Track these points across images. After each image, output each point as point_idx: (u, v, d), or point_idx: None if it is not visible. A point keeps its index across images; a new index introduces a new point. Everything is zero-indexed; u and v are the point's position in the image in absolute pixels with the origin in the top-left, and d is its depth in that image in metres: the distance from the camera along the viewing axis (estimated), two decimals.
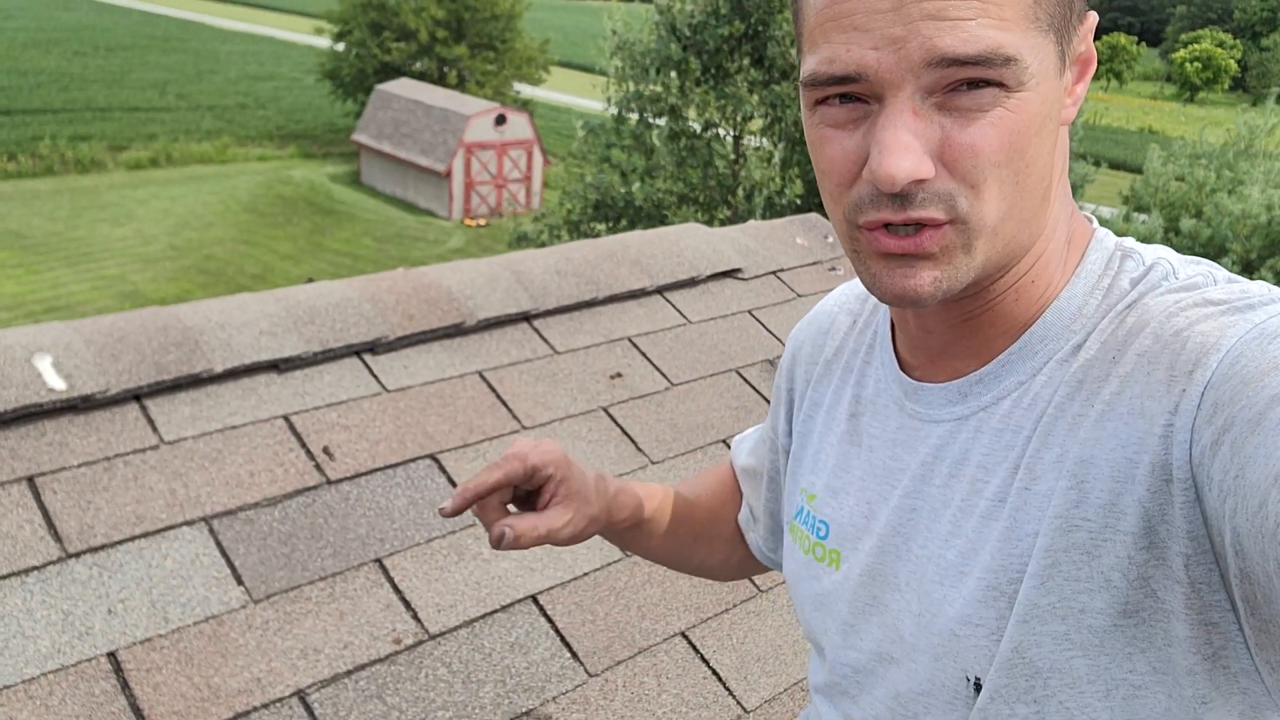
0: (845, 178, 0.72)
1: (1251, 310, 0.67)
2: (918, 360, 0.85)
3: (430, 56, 36.25)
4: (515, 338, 1.98)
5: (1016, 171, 0.69)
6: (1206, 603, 0.66)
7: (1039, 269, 0.77)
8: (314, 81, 40.14)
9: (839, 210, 0.74)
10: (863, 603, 0.87)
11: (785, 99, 13.24)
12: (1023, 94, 0.67)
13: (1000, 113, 0.67)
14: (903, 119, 0.67)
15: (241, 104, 40.44)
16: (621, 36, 13.90)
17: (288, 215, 27.67)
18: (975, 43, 0.65)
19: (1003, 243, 0.72)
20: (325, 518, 1.56)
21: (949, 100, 0.67)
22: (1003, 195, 0.69)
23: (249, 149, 34.96)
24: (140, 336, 1.66)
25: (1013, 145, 0.68)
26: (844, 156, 0.71)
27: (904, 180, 0.67)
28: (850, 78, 0.68)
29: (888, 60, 0.66)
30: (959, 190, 0.69)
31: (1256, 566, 0.58)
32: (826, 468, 0.93)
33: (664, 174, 13.60)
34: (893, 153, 0.67)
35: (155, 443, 1.56)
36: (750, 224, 2.55)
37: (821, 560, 0.92)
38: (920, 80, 0.66)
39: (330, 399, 1.74)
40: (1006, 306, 0.78)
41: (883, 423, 0.88)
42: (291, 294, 1.87)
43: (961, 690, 0.78)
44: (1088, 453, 0.70)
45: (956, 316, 0.79)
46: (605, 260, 2.18)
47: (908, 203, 0.69)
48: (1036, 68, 0.68)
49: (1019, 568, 0.73)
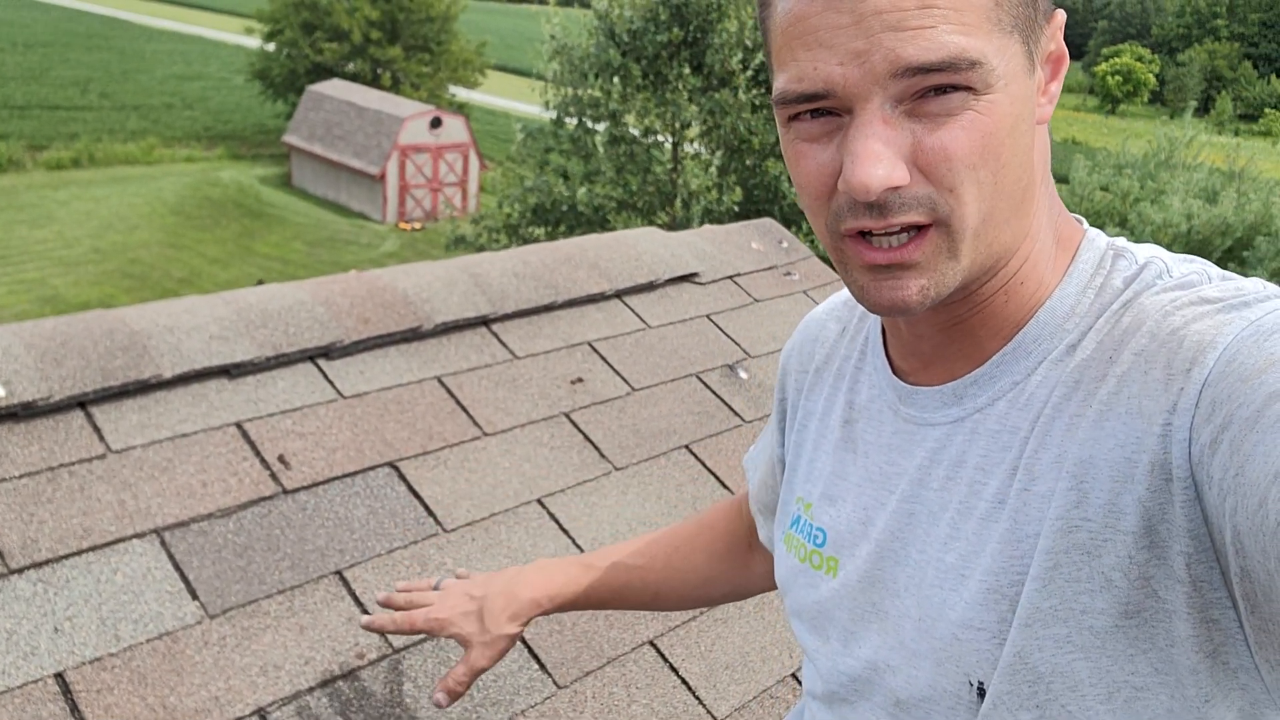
0: (823, 190, 0.72)
1: (1247, 307, 0.67)
2: (911, 365, 0.85)
3: (364, 58, 35.76)
4: (474, 342, 1.94)
5: (993, 173, 0.69)
6: (1208, 600, 0.66)
7: (1028, 269, 0.77)
8: (243, 82, 39.34)
9: (820, 223, 0.75)
10: (861, 610, 0.85)
11: (724, 106, 13.30)
12: (992, 96, 0.68)
13: (971, 115, 0.67)
14: (873, 128, 0.67)
15: (168, 104, 39.47)
16: (560, 41, 13.85)
17: (216, 218, 27.04)
18: (938, 50, 0.65)
19: (985, 244, 0.72)
20: (282, 529, 1.51)
21: (918, 107, 0.68)
22: (981, 197, 0.70)
23: (176, 150, 34.13)
24: (85, 340, 1.59)
25: (985, 147, 0.68)
26: (819, 170, 0.72)
27: (878, 188, 0.67)
28: (818, 94, 0.69)
29: (853, 74, 0.67)
30: (936, 194, 0.69)
31: (1257, 564, 0.58)
32: (822, 476, 0.92)
33: (603, 179, 13.58)
34: (864, 162, 0.67)
35: (102, 452, 1.49)
36: (706, 228, 2.54)
37: (819, 568, 0.90)
38: (888, 90, 0.67)
39: (285, 405, 1.68)
40: (996, 308, 0.78)
41: (878, 428, 0.87)
42: (242, 296, 1.81)
43: (965, 695, 0.77)
44: (1087, 453, 0.69)
45: (946, 320, 0.79)
46: (563, 264, 2.15)
47: (886, 211, 0.69)
48: (1004, 69, 0.68)
49: (1020, 570, 0.73)
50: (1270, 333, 0.63)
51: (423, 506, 1.62)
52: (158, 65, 46.45)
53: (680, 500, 1.81)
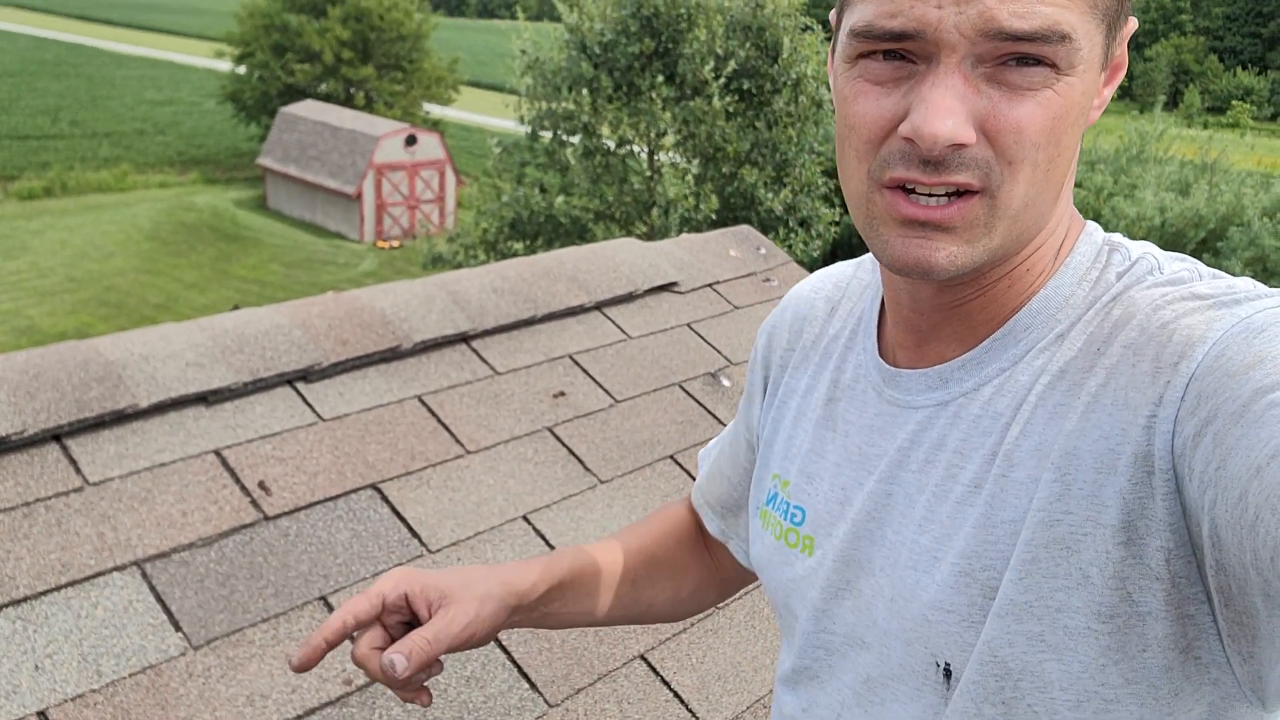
0: (876, 134, 0.70)
1: (1238, 305, 0.67)
2: (903, 344, 0.84)
3: (336, 78, 35.70)
4: (454, 359, 1.93)
5: (1050, 158, 0.69)
6: (1185, 596, 0.66)
7: (1035, 258, 0.77)
8: (215, 105, 39.21)
9: (862, 168, 0.72)
10: (836, 587, 0.86)
11: (698, 115, 13.33)
12: (1071, 79, 0.67)
13: (1049, 94, 0.67)
14: (952, 81, 0.66)
15: (140, 130, 39.30)
16: (531, 56, 13.86)
17: (191, 243, 26.88)
18: (1032, 18, 0.64)
19: (1019, 229, 0.72)
20: (265, 556, 1.49)
21: (999, 73, 0.67)
22: (1033, 180, 0.69)
23: (149, 176, 33.96)
24: (59, 373, 1.57)
25: (1054, 129, 0.68)
26: (879, 113, 0.70)
27: (945, 141, 0.66)
28: (908, 34, 0.67)
29: (949, 20, 0.65)
30: (995, 162, 0.68)
31: (1233, 558, 0.59)
32: (800, 453, 0.92)
33: (579, 190, 13.58)
34: (938, 111, 0.66)
35: (79, 485, 1.47)
36: (684, 237, 2.54)
37: (794, 546, 0.90)
38: (976, 47, 0.66)
39: (264, 431, 1.66)
40: (999, 293, 0.77)
41: (860, 409, 0.87)
42: (218, 322, 1.80)
43: (931, 675, 0.78)
44: (1072, 445, 0.69)
45: (949, 300, 0.79)
46: (542, 278, 2.14)
47: (941, 167, 0.68)
48: (1087, 53, 0.68)
49: (992, 555, 0.73)
50: (1259, 330, 0.63)
51: (406, 528, 1.61)
52: (128, 91, 46.24)
53: None
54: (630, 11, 13.33)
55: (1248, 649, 0.64)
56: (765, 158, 13.83)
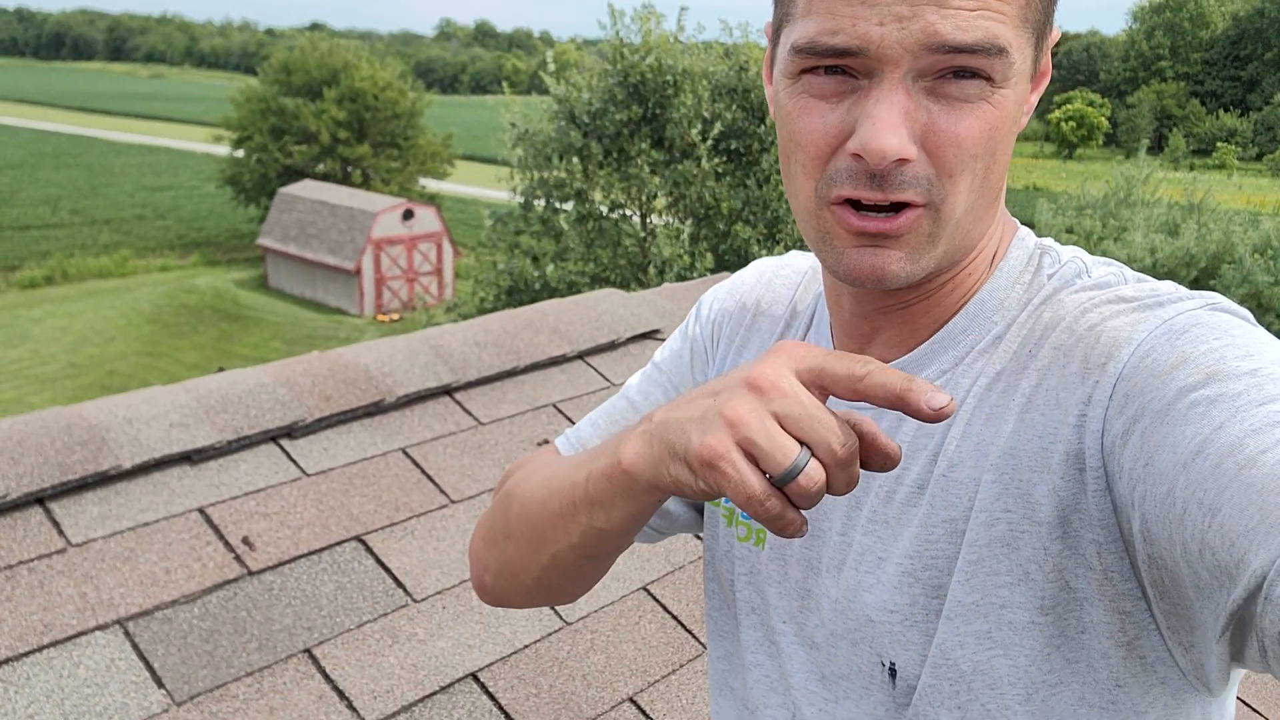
0: (823, 150, 0.71)
1: (1161, 307, 0.69)
2: (845, 347, 0.85)
3: (333, 157, 36.26)
4: (437, 412, 1.94)
5: (987, 167, 0.71)
6: (1119, 591, 0.67)
7: (976, 263, 0.79)
8: (214, 189, 39.74)
9: (809, 184, 0.73)
10: (788, 587, 0.86)
11: (687, 177, 13.51)
12: (1005, 90, 0.69)
13: (985, 106, 0.69)
14: (896, 96, 0.67)
15: (139, 215, 39.77)
16: (520, 129, 14.08)
17: (193, 324, 27.04)
18: (973, 31, 0.66)
19: (962, 236, 0.74)
20: (248, 610, 1.49)
21: (937, 86, 0.68)
22: (972, 188, 0.71)
23: (149, 260, 34.28)
24: (42, 437, 1.58)
25: (990, 140, 0.70)
26: (825, 129, 0.71)
27: (893, 156, 0.67)
28: (851, 51, 0.68)
29: (891, 37, 0.66)
30: (935, 178, 0.69)
31: (1164, 551, 0.60)
32: None
33: (574, 256, 13.70)
34: (884, 127, 0.67)
35: (62, 546, 1.48)
36: (665, 286, 2.57)
37: (746, 540, 0.90)
38: (917, 62, 0.67)
39: (248, 487, 1.67)
40: (940, 297, 0.79)
41: None
42: (202, 384, 1.82)
43: (877, 675, 0.78)
44: (1010, 445, 0.71)
45: (892, 304, 0.80)
46: (524, 329, 2.17)
47: (886, 184, 0.69)
48: (1019, 66, 0.70)
49: (933, 554, 0.74)
50: (1182, 331, 0.66)
51: (391, 578, 1.61)
52: (127, 178, 46.91)
53: (653, 553, 1.80)
54: (617, 80, 13.59)
55: (1187, 639, 0.66)
56: (757, 215, 13.97)
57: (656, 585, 1.75)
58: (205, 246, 36.37)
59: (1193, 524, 0.55)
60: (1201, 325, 0.66)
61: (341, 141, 36.00)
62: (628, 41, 13.71)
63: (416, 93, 38.83)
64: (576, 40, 50.39)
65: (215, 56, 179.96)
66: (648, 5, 14.09)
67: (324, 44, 38.38)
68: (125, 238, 36.37)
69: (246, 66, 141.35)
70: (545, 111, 14.25)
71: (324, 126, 35.41)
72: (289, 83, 36.86)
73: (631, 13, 13.96)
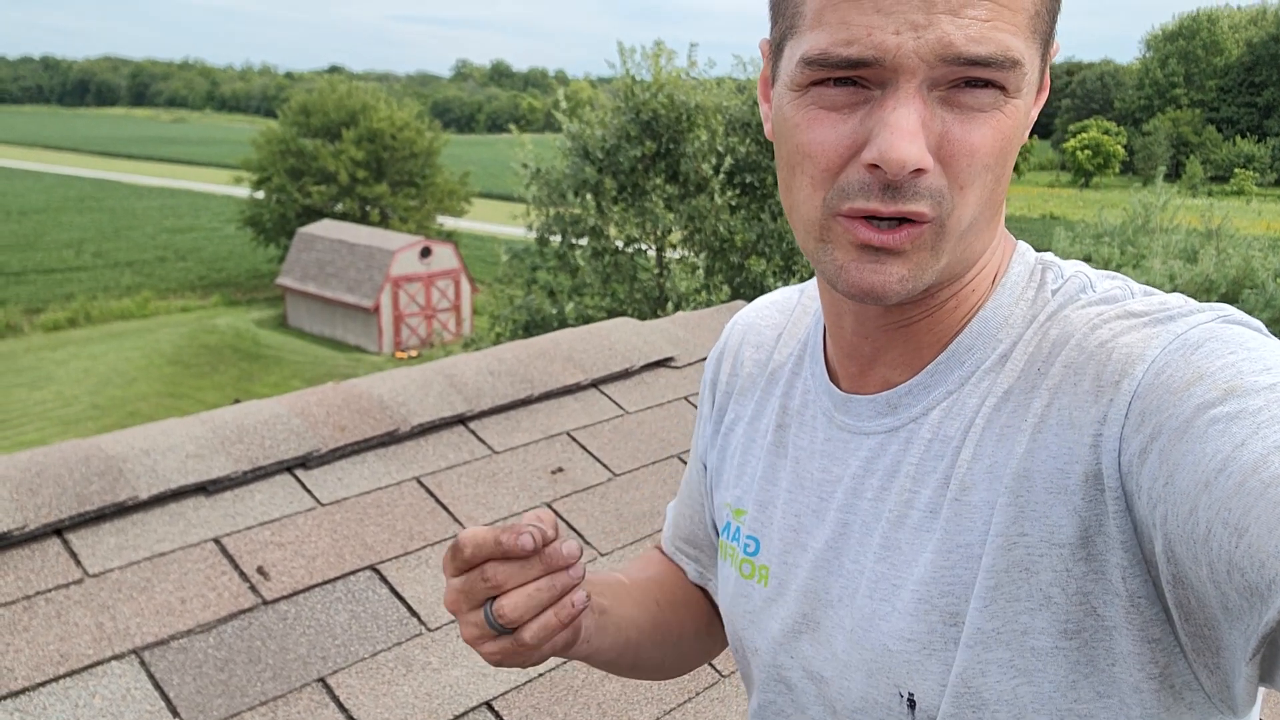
0: (836, 162, 0.70)
1: (1172, 321, 0.68)
2: (847, 369, 0.84)
3: (352, 197, 36.65)
4: (451, 441, 1.95)
5: (996, 178, 0.70)
6: (1146, 617, 0.66)
7: (978, 279, 0.78)
8: (235, 230, 40.21)
9: (817, 196, 0.71)
10: (795, 621, 0.85)
11: (702, 211, 13.58)
12: (1017, 101, 0.69)
13: (998, 116, 0.68)
14: (913, 105, 0.66)
15: (160, 257, 40.25)
16: (533, 168, 14.20)
17: (213, 364, 27.26)
18: (988, 43, 0.65)
19: (965, 248, 0.73)
20: (263, 640, 1.49)
21: (951, 96, 0.67)
22: (980, 200, 0.70)
23: (170, 301, 34.65)
24: (60, 469, 1.60)
25: (1002, 150, 0.69)
26: (837, 141, 0.69)
27: (912, 165, 0.66)
28: (866, 62, 0.66)
29: (907, 46, 0.65)
30: (948, 189, 0.68)
31: (1189, 572, 0.59)
32: (753, 481, 0.91)
33: (590, 291, 13.76)
34: (904, 136, 0.65)
35: (79, 576, 1.48)
36: (679, 315, 2.58)
37: (750, 577, 0.89)
38: (932, 71, 0.66)
39: (262, 518, 1.68)
40: (944, 314, 0.78)
41: (810, 434, 0.86)
42: (218, 415, 1.83)
43: (895, 707, 0.76)
44: (1023, 467, 0.69)
45: (896, 321, 0.79)
46: (538, 358, 2.17)
47: (899, 195, 0.68)
48: (1030, 77, 0.69)
49: (950, 580, 0.72)
50: (1196, 346, 0.64)
51: (405, 607, 1.60)
52: (148, 221, 47.54)
53: None
54: (630, 117, 13.70)
55: (1213, 661, 0.64)
56: (772, 248, 14.00)
57: None
58: (225, 287, 36.74)
59: (1219, 544, 0.54)
60: (1216, 339, 0.64)
61: (360, 181, 36.41)
62: (639, 79, 13.83)
63: (434, 132, 39.28)
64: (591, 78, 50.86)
65: (236, 100, 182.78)
66: (658, 43, 14.22)
67: (342, 86, 38.94)
68: (147, 279, 36.79)
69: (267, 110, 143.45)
70: (558, 149, 14.37)
71: (342, 167, 35.82)
72: (308, 124, 37.37)
73: (642, 50, 14.09)
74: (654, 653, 1.00)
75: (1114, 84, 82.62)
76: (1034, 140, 73.23)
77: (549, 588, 0.76)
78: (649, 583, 1.04)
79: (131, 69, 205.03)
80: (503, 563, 0.75)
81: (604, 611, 0.91)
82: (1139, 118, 76.25)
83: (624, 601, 0.96)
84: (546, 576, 0.76)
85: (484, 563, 0.75)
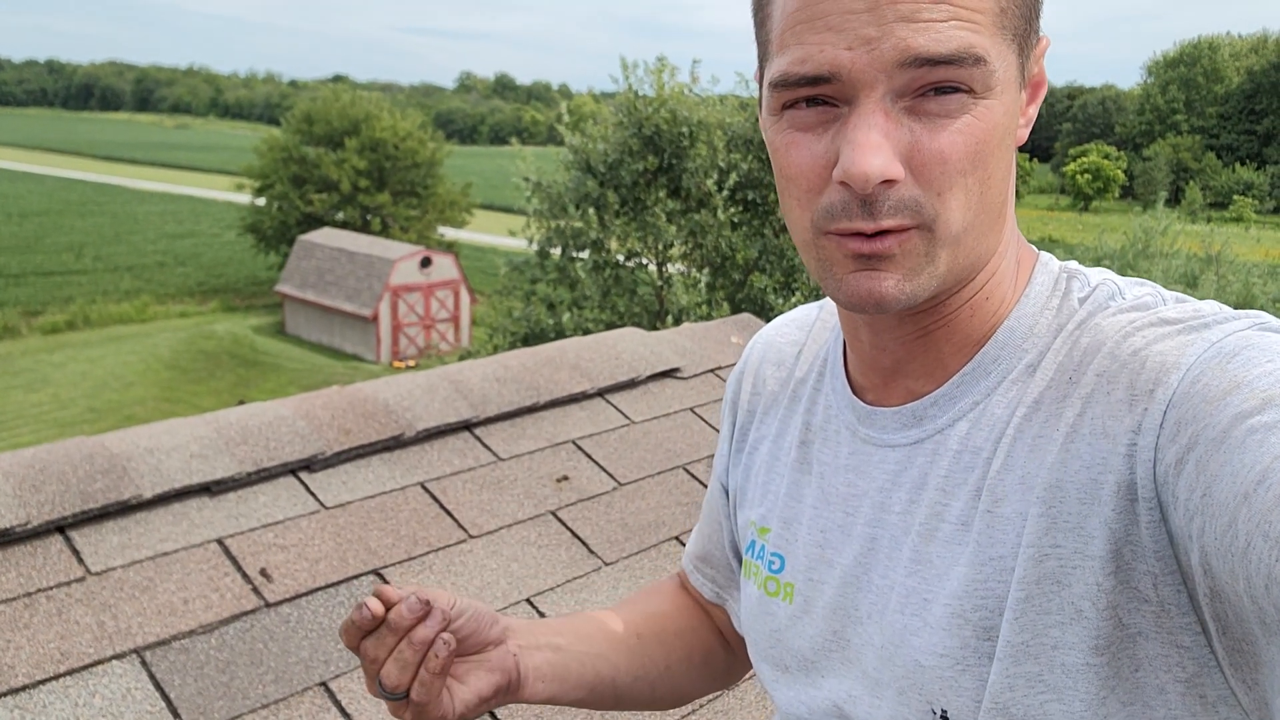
0: (814, 182, 0.70)
1: (1207, 329, 0.67)
2: (870, 382, 0.84)
3: (353, 205, 36.68)
4: (457, 447, 1.94)
5: (980, 181, 0.69)
6: (1176, 625, 0.65)
7: (994, 285, 0.77)
8: (235, 236, 40.22)
9: (805, 217, 0.72)
10: (823, 639, 0.83)
11: (703, 226, 13.60)
12: (989, 101, 0.68)
13: (968, 119, 0.67)
14: (875, 119, 0.66)
15: (160, 262, 40.26)
16: (533, 181, 14.22)
17: (211, 370, 27.23)
18: (948, 42, 0.65)
19: (965, 253, 0.72)
20: (265, 642, 1.48)
21: (918, 105, 0.67)
22: (967, 205, 0.69)
23: (169, 306, 34.64)
24: (64, 466, 1.58)
25: (978, 153, 0.68)
26: (813, 161, 0.70)
27: (876, 178, 0.66)
28: (822, 78, 0.67)
29: (861, 60, 0.66)
30: (925, 197, 0.68)
31: (1227, 586, 0.58)
32: (777, 499, 0.90)
33: (590, 303, 13.76)
34: (865, 150, 0.66)
35: (81, 575, 1.47)
36: (685, 326, 2.57)
37: (774, 595, 0.88)
38: (893, 81, 0.66)
39: (266, 519, 1.67)
40: (962, 322, 0.77)
41: (834, 449, 0.86)
42: (223, 416, 1.82)
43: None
44: (1055, 477, 0.68)
45: (912, 332, 0.78)
46: (544, 366, 2.17)
47: (876, 210, 0.68)
48: (1002, 74, 0.69)
49: (983, 594, 0.71)
50: (1232, 355, 0.63)
51: None
52: (150, 226, 47.58)
53: None
54: (633, 132, 13.73)
55: (1251, 676, 0.63)
56: (773, 264, 14.01)
57: None
58: (224, 293, 36.74)
59: (1258, 558, 0.53)
60: (1253, 347, 0.63)
61: (362, 190, 36.46)
62: (642, 94, 13.88)
63: (436, 143, 39.34)
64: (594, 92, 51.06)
65: (240, 107, 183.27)
66: (661, 58, 14.28)
67: (346, 95, 39.03)
68: (146, 284, 36.80)
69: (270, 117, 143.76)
70: (560, 162, 14.40)
71: (345, 175, 35.88)
72: (311, 132, 37.44)
73: (645, 65, 14.15)
74: (637, 686, 1.01)
75: (1115, 109, 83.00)
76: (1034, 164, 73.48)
77: (409, 646, 0.81)
78: (633, 617, 1.05)
79: (136, 74, 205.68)
80: (371, 638, 0.82)
81: (558, 649, 0.94)
82: (1139, 143, 76.58)
83: (588, 639, 0.99)
84: (404, 639, 0.81)
85: (360, 642, 0.83)
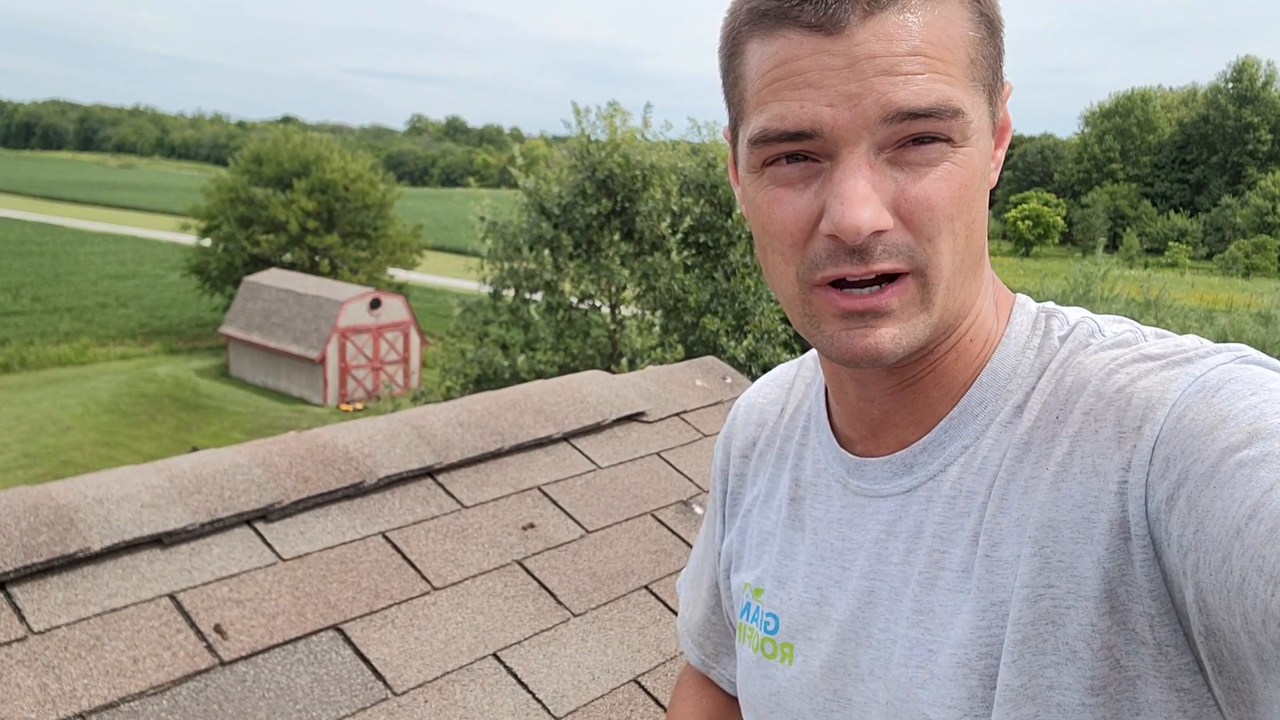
0: (798, 237, 0.71)
1: (1190, 363, 0.67)
2: (857, 433, 0.83)
3: (301, 246, 36.32)
4: (419, 494, 1.88)
5: (966, 225, 0.70)
6: (1175, 666, 0.64)
7: (977, 328, 0.77)
8: (179, 277, 39.57)
9: (790, 271, 0.72)
10: (824, 699, 0.81)
11: (657, 269, 13.65)
12: (967, 149, 0.69)
13: (949, 166, 0.68)
14: (860, 172, 0.67)
15: (102, 303, 39.46)
16: (489, 221, 14.20)
17: (151, 414, 26.61)
18: (927, 95, 0.66)
19: (954, 299, 0.72)
20: (220, 703, 1.40)
21: (900, 156, 0.68)
22: (955, 249, 0.70)
23: (110, 348, 33.88)
24: (6, 517, 1.50)
25: (961, 198, 0.69)
26: (796, 215, 0.70)
27: (868, 229, 0.66)
28: (803, 134, 0.68)
29: (844, 116, 0.66)
30: (915, 243, 0.69)
31: (1223, 622, 0.57)
32: (770, 558, 0.89)
33: (544, 345, 13.70)
34: (854, 203, 0.66)
35: (22, 634, 1.39)
36: (650, 369, 2.55)
37: (772, 657, 0.86)
38: (875, 135, 0.67)
39: (220, 573, 1.59)
40: (947, 366, 0.77)
41: (825, 504, 0.84)
42: (176, 464, 1.75)
43: None
44: (1047, 516, 0.68)
45: (900, 382, 0.78)
46: (508, 410, 2.12)
47: (868, 256, 0.68)
48: (977, 123, 0.70)
49: (988, 641, 0.70)
50: (1217, 389, 0.64)
51: (370, 669, 1.53)
52: (91, 266, 46.68)
53: (643, 643, 1.73)
54: (586, 175, 13.79)
55: (1248, 714, 0.62)
56: (725, 307, 14.09)
57: (648, 677, 1.68)
58: (167, 335, 36.06)
59: (1254, 593, 0.52)
60: (1236, 380, 0.64)
61: (310, 231, 36.12)
62: (595, 139, 13.97)
63: (387, 184, 39.17)
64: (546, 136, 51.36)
65: (186, 148, 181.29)
66: (613, 103, 14.40)
67: (296, 136, 38.80)
68: (87, 325, 35.99)
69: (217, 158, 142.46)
70: (515, 204, 14.41)
71: (293, 216, 35.53)
72: (260, 173, 37.10)
73: (597, 110, 14.27)
74: None
75: (1054, 157, 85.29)
76: None
77: None
78: None
79: (80, 113, 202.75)
80: None
81: None
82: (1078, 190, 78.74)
83: None
84: None
85: None
